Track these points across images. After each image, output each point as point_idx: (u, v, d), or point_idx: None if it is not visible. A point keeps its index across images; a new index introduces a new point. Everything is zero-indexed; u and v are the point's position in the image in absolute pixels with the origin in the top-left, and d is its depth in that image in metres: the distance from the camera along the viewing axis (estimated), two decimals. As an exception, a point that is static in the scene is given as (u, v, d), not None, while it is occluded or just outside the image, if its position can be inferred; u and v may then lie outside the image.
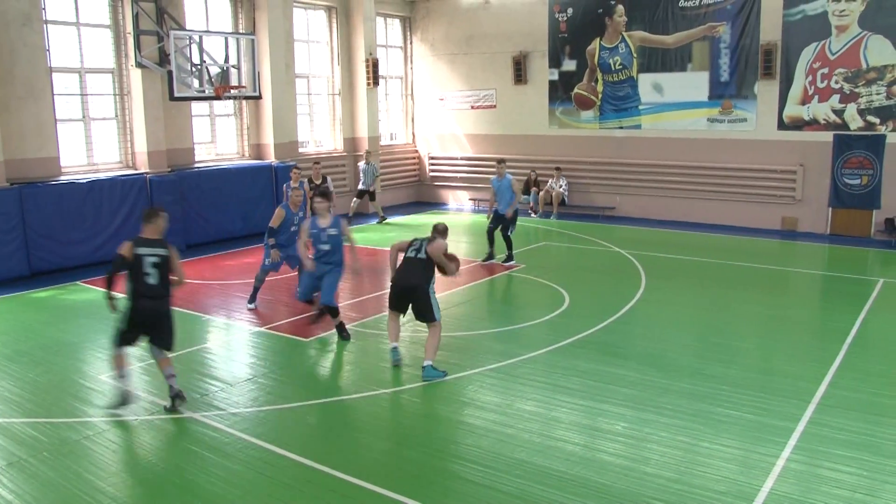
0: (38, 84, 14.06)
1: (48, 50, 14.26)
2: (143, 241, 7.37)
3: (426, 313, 8.42)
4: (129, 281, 7.32)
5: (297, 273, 11.17)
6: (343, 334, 9.69)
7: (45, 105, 14.22)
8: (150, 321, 7.40)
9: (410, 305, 8.53)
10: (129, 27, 15.06)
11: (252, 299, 11.37)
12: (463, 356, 9.12)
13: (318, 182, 15.51)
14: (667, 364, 8.64)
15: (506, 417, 7.25)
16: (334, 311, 9.61)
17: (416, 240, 8.81)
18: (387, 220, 19.25)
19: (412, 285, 8.42)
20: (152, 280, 7.28)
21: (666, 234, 17.15)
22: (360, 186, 19.28)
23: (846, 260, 14.85)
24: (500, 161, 14.36)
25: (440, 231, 8.84)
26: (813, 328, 10.56)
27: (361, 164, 19.40)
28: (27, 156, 13.99)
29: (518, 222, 14.46)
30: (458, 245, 16.53)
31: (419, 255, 8.56)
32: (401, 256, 8.72)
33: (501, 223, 14.00)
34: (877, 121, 15.93)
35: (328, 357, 9.38)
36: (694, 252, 15.06)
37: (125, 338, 7.41)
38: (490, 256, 14.18)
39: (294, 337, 9.96)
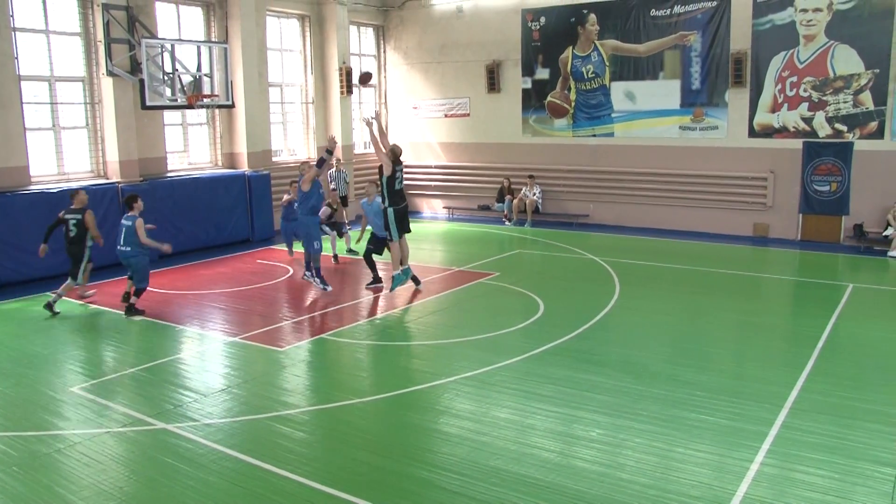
0: (6, 93, 13.85)
1: (17, 58, 14.06)
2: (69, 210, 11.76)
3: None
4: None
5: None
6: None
7: (14, 114, 14.00)
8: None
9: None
10: (100, 35, 14.92)
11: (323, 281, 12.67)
12: (438, 364, 9.12)
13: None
14: (641, 370, 8.69)
15: (481, 425, 7.25)
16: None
17: (398, 169, 12.06)
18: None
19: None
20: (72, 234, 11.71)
21: (639, 241, 17.28)
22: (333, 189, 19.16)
23: (817, 265, 15.06)
24: (371, 182, 13.40)
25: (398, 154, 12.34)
26: (785, 333, 10.68)
27: (332, 172, 19.25)
28: (-5, 165, 13.78)
29: (492, 230, 14.43)
30: (433, 253, 16.57)
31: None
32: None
33: (377, 245, 13.12)
34: (844, 128, 16.19)
35: (302, 366, 9.32)
36: (667, 259, 15.19)
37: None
38: (376, 279, 13.25)
39: (268, 346, 9.88)
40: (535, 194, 19.73)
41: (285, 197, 15.28)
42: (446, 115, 21.73)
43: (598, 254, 15.51)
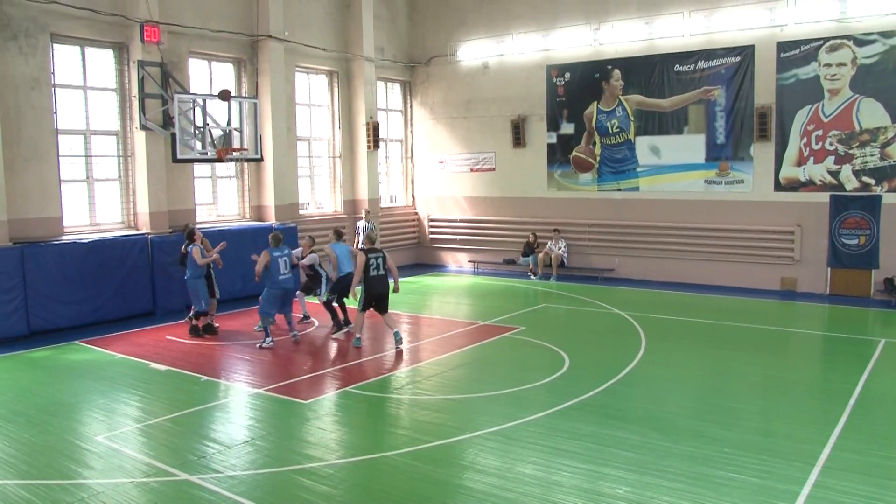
0: (44, 145, 14.28)
1: (55, 112, 14.52)
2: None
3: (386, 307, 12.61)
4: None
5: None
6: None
7: (50, 166, 14.40)
8: None
9: (376, 304, 12.42)
10: (135, 91, 15.36)
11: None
12: (462, 419, 9.04)
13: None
14: (668, 426, 8.55)
15: (506, 481, 7.14)
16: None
17: (371, 257, 12.27)
18: None
19: (385, 293, 12.54)
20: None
21: (665, 296, 17.15)
22: (360, 246, 19.33)
23: (847, 320, 14.83)
24: (335, 231, 14.08)
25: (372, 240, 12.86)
26: (815, 390, 10.48)
27: (361, 223, 19.64)
28: (30, 215, 14.11)
29: (518, 284, 14.44)
30: (458, 307, 16.55)
31: (381, 272, 12.38)
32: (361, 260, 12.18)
33: (341, 291, 13.49)
34: (872, 181, 16.10)
35: (326, 419, 9.28)
36: (694, 313, 15.04)
37: None
38: (339, 326, 13.72)
39: (292, 399, 9.87)
40: (560, 248, 19.72)
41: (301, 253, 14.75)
42: (472, 170, 21.92)
43: (624, 308, 15.40)
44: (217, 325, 13.95)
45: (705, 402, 9.65)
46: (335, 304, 13.68)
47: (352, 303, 13.46)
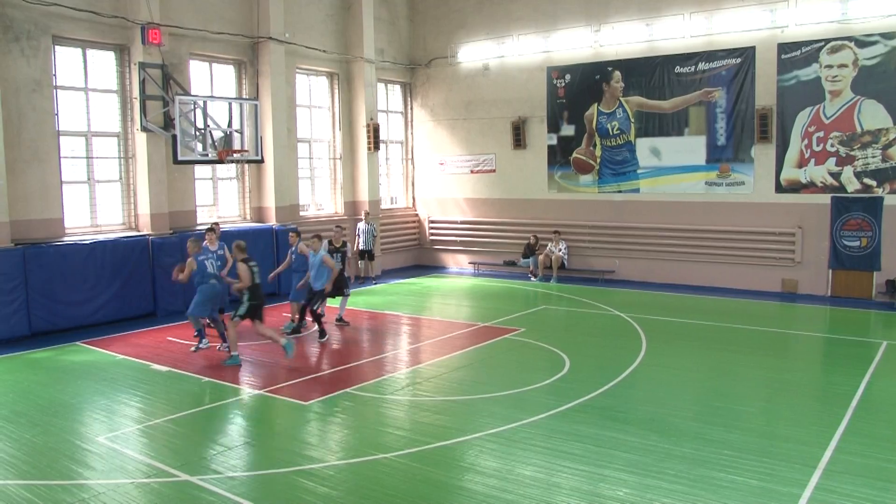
0: (46, 147, 14.29)
1: (57, 114, 14.54)
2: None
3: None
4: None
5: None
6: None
7: (52, 167, 14.42)
8: None
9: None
10: (136, 92, 15.37)
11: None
12: (462, 421, 9.04)
13: (338, 246, 14.59)
14: (668, 428, 8.54)
15: (506, 483, 7.14)
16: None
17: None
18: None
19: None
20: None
21: (666, 298, 17.15)
22: (361, 247, 19.69)
23: (848, 322, 14.82)
24: (314, 235, 13.40)
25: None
26: (816, 392, 10.47)
27: (361, 225, 19.77)
28: (32, 217, 14.12)
29: (518, 285, 14.43)
30: (459, 309, 16.55)
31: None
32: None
33: (315, 297, 13.23)
34: (873, 183, 16.10)
35: (327, 421, 9.28)
36: (694, 315, 15.04)
37: None
38: (297, 330, 13.72)
39: (293, 400, 9.87)
40: (560, 250, 19.72)
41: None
42: (472, 171, 21.93)
43: (624, 310, 15.40)
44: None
45: (706, 404, 9.65)
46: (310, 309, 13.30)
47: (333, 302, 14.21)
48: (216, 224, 14.35)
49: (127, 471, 7.53)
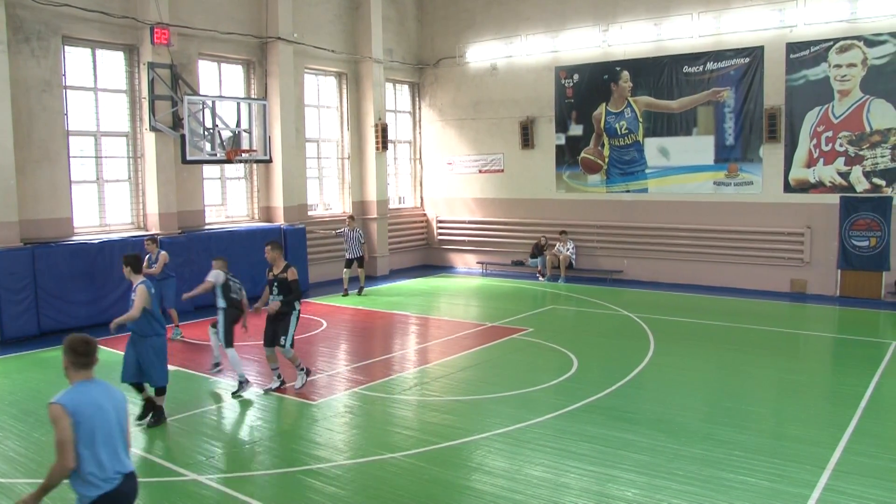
0: (55, 147, 14.36)
1: (66, 114, 14.60)
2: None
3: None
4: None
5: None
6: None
7: (61, 167, 14.48)
8: None
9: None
10: (145, 92, 15.41)
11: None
12: (470, 420, 9.03)
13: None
14: (677, 429, 8.52)
15: (514, 483, 7.13)
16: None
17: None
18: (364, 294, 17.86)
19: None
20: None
21: (674, 298, 17.10)
22: (347, 255, 17.73)
23: (857, 322, 14.75)
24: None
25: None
26: (826, 392, 10.43)
27: (344, 230, 17.85)
28: (41, 216, 14.19)
29: (526, 285, 14.36)
30: (467, 309, 16.53)
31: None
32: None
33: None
34: (882, 183, 16.02)
35: (334, 420, 9.29)
36: (703, 315, 14.99)
37: None
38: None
39: (300, 400, 9.89)
40: (568, 250, 19.69)
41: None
42: (480, 171, 21.92)
43: (633, 310, 15.36)
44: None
45: (715, 404, 9.61)
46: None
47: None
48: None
49: (134, 470, 7.53)
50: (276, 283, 10.06)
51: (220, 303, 10.55)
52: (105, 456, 4.56)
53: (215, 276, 10.69)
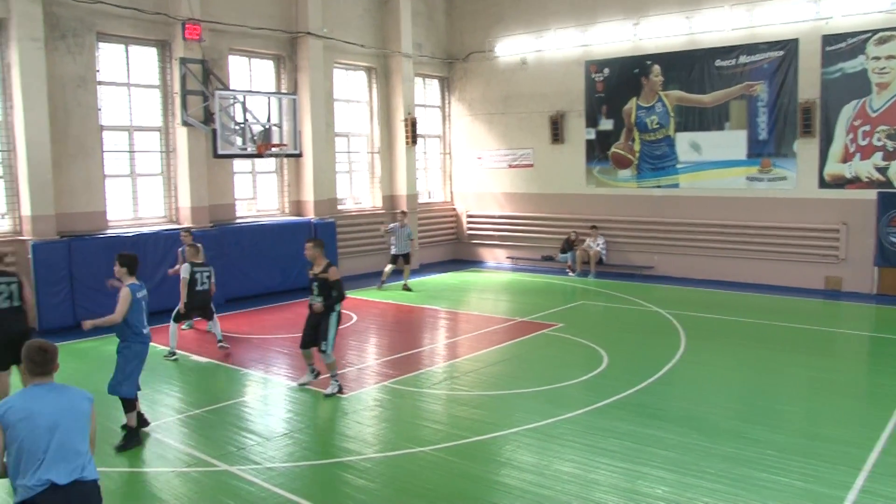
0: (90, 142, 14.57)
1: (100, 109, 14.80)
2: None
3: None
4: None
5: None
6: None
7: (95, 162, 14.70)
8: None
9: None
10: (177, 87, 15.57)
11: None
12: (500, 415, 9.02)
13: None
14: (709, 427, 8.43)
15: (543, 478, 7.11)
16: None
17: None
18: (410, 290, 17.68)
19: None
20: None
21: (705, 294, 16.92)
22: (393, 251, 17.81)
23: (895, 321, 14.47)
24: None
25: None
26: (862, 392, 10.25)
27: (394, 226, 17.81)
28: (76, 210, 14.41)
29: (556, 280, 14.30)
30: (497, 304, 16.50)
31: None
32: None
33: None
34: (921, 180, 15.70)
35: (364, 413, 9.32)
36: (735, 312, 14.81)
37: None
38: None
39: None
40: (598, 245, 19.56)
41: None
42: (510, 166, 21.84)
43: (663, 306, 15.23)
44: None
45: (747, 402, 9.50)
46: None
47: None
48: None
49: (167, 460, 7.65)
50: (315, 283, 9.88)
51: (184, 295, 11.88)
52: (26, 464, 4.49)
53: (186, 270, 11.98)
